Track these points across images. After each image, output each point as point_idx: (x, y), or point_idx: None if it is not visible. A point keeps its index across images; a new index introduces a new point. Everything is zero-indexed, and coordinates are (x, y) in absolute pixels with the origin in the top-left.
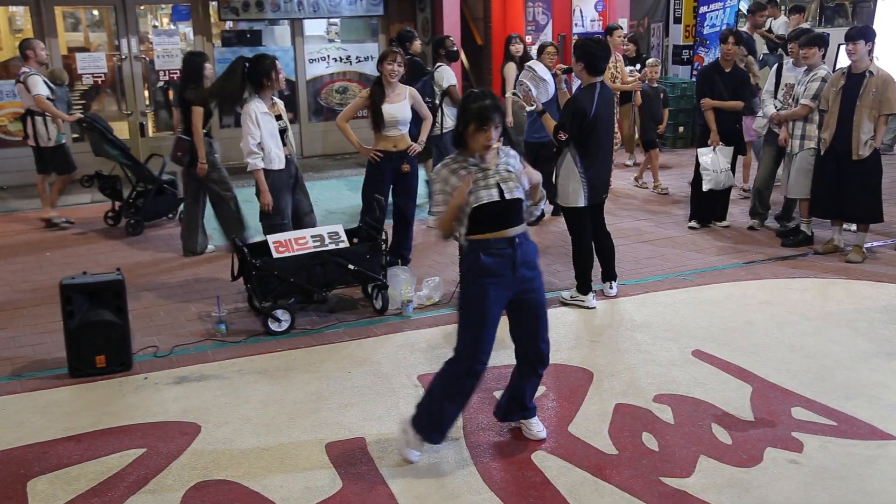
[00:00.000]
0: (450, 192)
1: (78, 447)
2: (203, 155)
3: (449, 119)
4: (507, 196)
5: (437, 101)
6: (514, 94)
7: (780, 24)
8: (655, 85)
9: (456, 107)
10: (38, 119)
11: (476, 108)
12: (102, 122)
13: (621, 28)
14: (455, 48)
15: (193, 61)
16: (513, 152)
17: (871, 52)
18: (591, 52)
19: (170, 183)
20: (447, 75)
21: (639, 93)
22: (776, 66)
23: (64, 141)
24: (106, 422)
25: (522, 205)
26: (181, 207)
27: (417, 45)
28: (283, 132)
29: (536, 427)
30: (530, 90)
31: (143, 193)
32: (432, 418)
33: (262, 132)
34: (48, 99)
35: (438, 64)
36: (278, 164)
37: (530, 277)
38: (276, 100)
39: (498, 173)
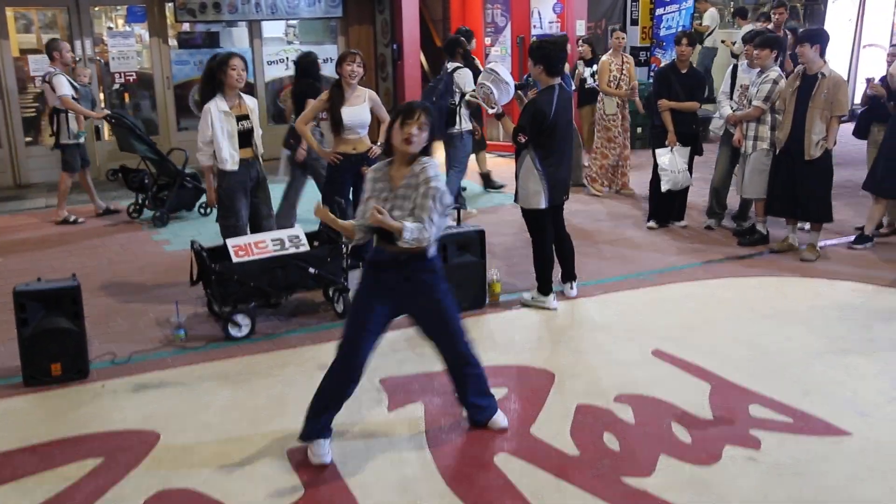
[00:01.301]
0: (369, 193)
1: (33, 457)
2: (313, 142)
3: (464, 121)
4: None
5: (456, 102)
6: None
7: (708, 17)
8: None
9: (470, 108)
10: (63, 117)
11: (404, 106)
12: (130, 118)
13: (621, 31)
14: (472, 47)
15: (308, 60)
16: (435, 174)
17: (821, 54)
18: (548, 53)
19: (192, 176)
20: (468, 80)
21: (638, 100)
22: (732, 66)
23: (83, 140)
24: (62, 431)
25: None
26: (202, 199)
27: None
28: (248, 133)
29: (498, 418)
30: (491, 92)
31: (166, 186)
32: (320, 403)
33: (216, 131)
34: (73, 98)
35: (458, 65)
36: (231, 164)
37: (421, 290)
38: (246, 98)
39: (396, 196)
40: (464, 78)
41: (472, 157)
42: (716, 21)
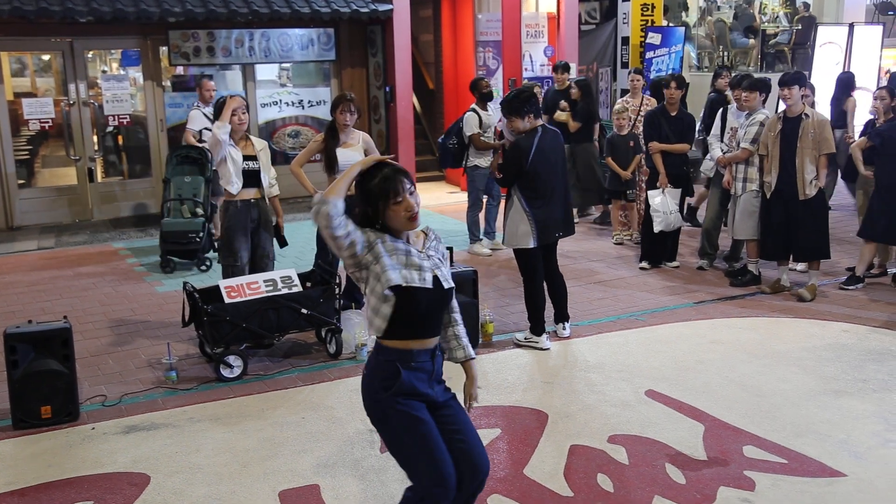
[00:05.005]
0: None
1: (22, 501)
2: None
3: (471, 157)
4: (445, 285)
5: (454, 142)
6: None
7: None
8: (624, 133)
9: (480, 150)
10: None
11: (377, 184)
12: (184, 152)
13: (636, 73)
14: (488, 90)
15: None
16: (437, 235)
17: (804, 96)
18: (508, 102)
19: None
20: (470, 124)
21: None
22: (721, 109)
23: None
24: (51, 474)
25: (452, 299)
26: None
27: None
28: (252, 173)
29: None
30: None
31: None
32: None
33: (226, 157)
34: (204, 129)
35: (470, 108)
36: (235, 188)
37: (443, 392)
38: (254, 140)
39: (429, 257)
40: (468, 122)
41: None
42: None
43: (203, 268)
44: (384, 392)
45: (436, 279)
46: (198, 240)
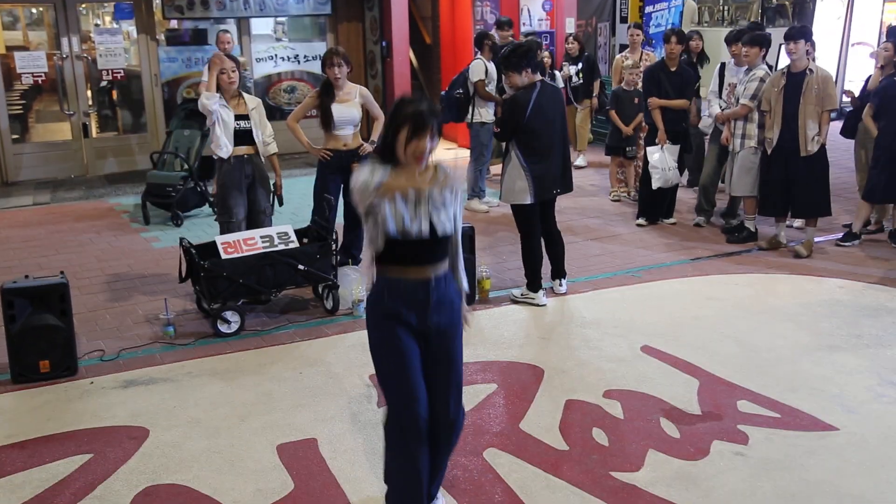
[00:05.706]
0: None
1: (22, 454)
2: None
3: (479, 109)
4: (439, 232)
5: (471, 94)
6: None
7: None
8: (630, 88)
9: (483, 99)
10: None
11: (411, 112)
12: (186, 107)
13: (636, 28)
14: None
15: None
16: (450, 171)
17: (808, 51)
18: (505, 56)
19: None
20: (477, 71)
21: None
22: (720, 65)
23: None
24: (51, 428)
25: (451, 238)
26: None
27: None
28: (245, 132)
29: None
30: None
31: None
32: (404, 497)
33: (216, 118)
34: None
35: (476, 58)
36: (224, 152)
37: (444, 325)
38: (247, 98)
39: (431, 200)
40: (473, 69)
41: None
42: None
43: (177, 223)
44: (371, 310)
45: (431, 226)
46: (174, 193)
